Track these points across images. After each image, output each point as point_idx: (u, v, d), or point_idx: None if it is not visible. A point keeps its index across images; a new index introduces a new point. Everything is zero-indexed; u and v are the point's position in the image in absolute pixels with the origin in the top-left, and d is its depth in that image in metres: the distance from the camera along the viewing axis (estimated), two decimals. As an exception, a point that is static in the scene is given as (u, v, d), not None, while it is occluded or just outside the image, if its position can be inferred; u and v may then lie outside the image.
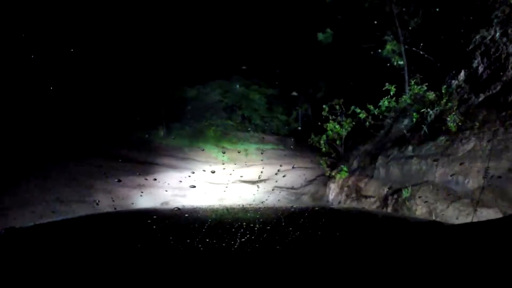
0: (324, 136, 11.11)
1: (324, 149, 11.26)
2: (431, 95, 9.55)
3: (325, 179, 14.91)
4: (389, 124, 9.86)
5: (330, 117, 11.25)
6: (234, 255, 1.70)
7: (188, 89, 23.83)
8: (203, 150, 20.91)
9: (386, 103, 9.69)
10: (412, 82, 9.98)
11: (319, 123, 11.35)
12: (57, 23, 18.06)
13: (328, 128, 10.79)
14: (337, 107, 11.06)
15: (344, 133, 10.81)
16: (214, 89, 26.10)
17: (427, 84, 9.85)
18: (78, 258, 1.63)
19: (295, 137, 26.17)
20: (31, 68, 16.12)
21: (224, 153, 20.58)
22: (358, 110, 10.73)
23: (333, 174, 10.31)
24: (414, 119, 8.82)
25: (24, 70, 16.17)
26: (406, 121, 9.30)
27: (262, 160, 18.72)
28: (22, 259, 1.61)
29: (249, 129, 25.70)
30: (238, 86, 26.97)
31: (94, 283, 1.38)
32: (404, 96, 9.66)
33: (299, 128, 26.55)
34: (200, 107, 25.01)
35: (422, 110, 8.73)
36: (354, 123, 11.01)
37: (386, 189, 7.64)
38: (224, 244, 1.84)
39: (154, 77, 22.02)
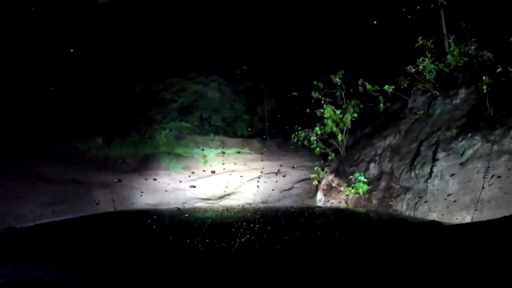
0: (317, 129, 7.04)
1: (318, 148, 7.16)
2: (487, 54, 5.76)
3: (308, 187, 10.88)
4: (428, 102, 5.91)
5: (324, 100, 7.22)
6: (234, 255, 1.51)
7: (134, 86, 19.12)
8: (151, 159, 16.39)
9: (429, 64, 5.69)
10: (451, 40, 6.12)
11: (308, 110, 7.28)
12: None
13: (325, 115, 6.70)
14: (337, 80, 6.97)
15: (348, 122, 6.79)
16: (167, 88, 21.62)
17: (474, 39, 6.05)
18: (78, 258, 1.44)
19: (262, 138, 22.22)
20: None
21: (178, 161, 16.17)
22: (368, 87, 6.77)
23: (340, 187, 6.24)
24: (485, 87, 4.95)
25: None
26: (462, 93, 5.40)
27: (224, 167, 14.58)
28: (22, 259, 1.43)
29: (208, 131, 21.43)
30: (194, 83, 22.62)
31: (94, 283, 1.24)
32: (452, 56, 5.77)
33: (266, 127, 22.54)
34: (150, 108, 20.47)
35: (499, 70, 4.88)
36: (361, 106, 7.04)
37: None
38: (224, 244, 1.65)
39: (88, 71, 17.20)
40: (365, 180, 5.87)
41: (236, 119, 23.09)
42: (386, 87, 6.06)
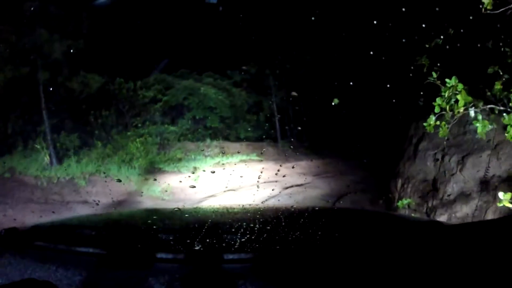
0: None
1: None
2: None
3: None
4: None
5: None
6: (234, 255, 1.46)
7: (97, 78, 13.86)
8: (119, 181, 11.10)
9: None
10: None
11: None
12: None
13: None
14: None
15: None
16: (149, 86, 16.53)
17: None
18: (78, 259, 1.45)
19: (272, 139, 17.03)
20: None
21: (157, 179, 10.95)
22: None
23: None
24: None
25: None
26: None
27: (226, 183, 9.62)
28: (22, 259, 1.45)
29: (203, 136, 16.28)
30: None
31: (94, 284, 1.27)
32: None
33: (278, 126, 17.29)
34: (124, 109, 15.31)
35: None
36: None
37: None
38: (224, 244, 1.65)
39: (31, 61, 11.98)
40: None
41: (238, 119, 17.98)
42: None
